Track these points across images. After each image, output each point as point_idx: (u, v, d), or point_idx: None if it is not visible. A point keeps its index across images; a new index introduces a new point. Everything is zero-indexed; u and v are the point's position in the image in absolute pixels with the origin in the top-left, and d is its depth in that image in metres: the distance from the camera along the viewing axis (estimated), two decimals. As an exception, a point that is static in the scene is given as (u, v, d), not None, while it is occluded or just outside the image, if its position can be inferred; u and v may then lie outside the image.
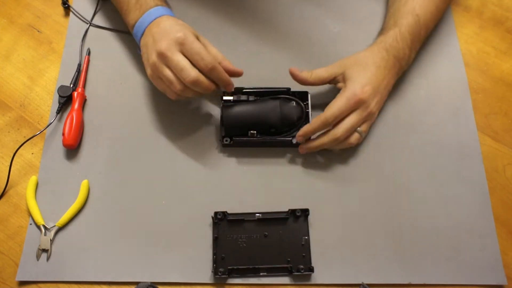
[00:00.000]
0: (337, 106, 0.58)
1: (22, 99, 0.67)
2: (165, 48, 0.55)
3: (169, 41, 0.56)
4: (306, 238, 0.58)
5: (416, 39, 0.63)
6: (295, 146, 0.63)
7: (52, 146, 0.63)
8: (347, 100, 0.58)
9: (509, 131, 0.66)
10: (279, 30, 0.72)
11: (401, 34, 0.62)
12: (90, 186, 0.61)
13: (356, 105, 0.58)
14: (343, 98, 0.58)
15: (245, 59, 0.69)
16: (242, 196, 0.61)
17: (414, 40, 0.63)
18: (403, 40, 0.62)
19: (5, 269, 0.57)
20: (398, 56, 0.61)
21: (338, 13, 0.73)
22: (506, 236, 0.60)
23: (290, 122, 0.62)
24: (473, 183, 0.62)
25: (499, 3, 0.75)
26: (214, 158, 0.63)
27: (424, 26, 0.63)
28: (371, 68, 0.60)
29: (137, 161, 0.62)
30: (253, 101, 0.63)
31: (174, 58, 0.55)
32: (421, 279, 0.57)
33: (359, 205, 0.61)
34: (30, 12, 0.73)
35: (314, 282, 0.56)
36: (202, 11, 0.73)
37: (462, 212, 0.60)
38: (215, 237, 0.57)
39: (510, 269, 0.58)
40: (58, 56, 0.70)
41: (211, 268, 0.57)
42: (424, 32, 0.64)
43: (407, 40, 0.62)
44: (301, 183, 0.62)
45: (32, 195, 0.60)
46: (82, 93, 0.66)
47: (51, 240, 0.58)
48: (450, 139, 0.64)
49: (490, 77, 0.69)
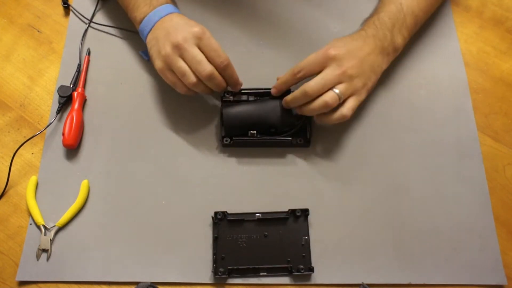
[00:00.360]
0: (307, 59, 0.59)
1: (22, 99, 0.67)
2: (182, 39, 0.56)
3: (186, 34, 0.56)
4: (306, 238, 0.58)
5: (399, 25, 0.62)
6: (295, 146, 0.63)
7: (52, 146, 0.63)
8: (316, 54, 0.58)
9: (509, 131, 0.66)
10: (279, 30, 0.72)
11: (379, 19, 0.62)
12: (90, 186, 0.61)
13: (325, 59, 0.57)
14: (314, 53, 0.59)
15: (245, 59, 0.69)
16: (242, 196, 0.61)
17: (396, 26, 0.62)
18: (382, 24, 0.62)
19: (5, 269, 0.57)
20: (377, 35, 0.61)
21: (338, 13, 0.73)
22: (506, 236, 0.60)
23: (290, 122, 0.62)
24: (473, 183, 0.62)
25: (499, 3, 0.75)
26: (214, 158, 0.63)
27: (410, 14, 0.63)
28: (346, 38, 0.61)
29: (137, 161, 0.62)
30: (253, 101, 0.63)
31: (191, 51, 0.55)
32: (421, 279, 0.57)
33: (359, 205, 0.61)
34: (30, 12, 0.73)
35: (314, 282, 0.57)
36: (202, 12, 0.72)
37: (462, 212, 0.60)
38: (215, 237, 0.57)
39: (510, 269, 0.58)
40: (58, 56, 0.70)
41: (211, 268, 0.57)
42: (411, 20, 0.64)
43: (387, 24, 0.62)
44: (301, 183, 0.62)
45: (32, 195, 0.60)
46: (82, 93, 0.66)
47: (51, 240, 0.58)
48: (450, 139, 0.64)
49: (490, 77, 0.69)
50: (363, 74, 0.59)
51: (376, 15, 0.63)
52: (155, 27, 0.60)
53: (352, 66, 0.57)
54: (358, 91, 0.59)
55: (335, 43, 0.59)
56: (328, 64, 0.57)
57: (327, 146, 0.64)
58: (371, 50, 0.60)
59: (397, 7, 0.63)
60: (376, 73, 0.61)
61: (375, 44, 0.60)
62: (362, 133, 0.65)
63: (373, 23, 0.62)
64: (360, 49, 0.59)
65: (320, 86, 0.56)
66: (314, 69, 0.58)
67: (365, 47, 0.60)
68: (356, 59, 0.58)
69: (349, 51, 0.58)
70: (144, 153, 0.63)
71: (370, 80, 0.60)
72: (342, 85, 0.57)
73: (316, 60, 0.58)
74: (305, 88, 0.57)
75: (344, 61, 0.57)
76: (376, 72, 0.61)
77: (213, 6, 0.73)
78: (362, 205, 0.61)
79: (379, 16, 0.63)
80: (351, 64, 0.57)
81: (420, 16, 0.65)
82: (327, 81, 0.57)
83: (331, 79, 0.57)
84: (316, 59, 0.58)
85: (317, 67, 0.58)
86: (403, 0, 0.63)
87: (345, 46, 0.59)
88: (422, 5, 0.65)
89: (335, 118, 0.58)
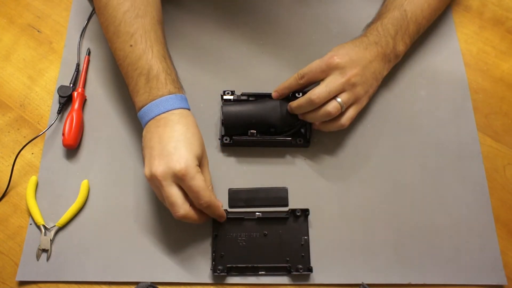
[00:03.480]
0: (310, 66, 0.59)
1: (22, 99, 0.67)
2: (160, 175, 0.51)
3: (166, 169, 0.50)
4: (306, 238, 0.58)
5: (402, 32, 0.63)
6: (295, 146, 0.63)
7: (52, 146, 0.63)
8: (320, 61, 0.59)
9: (509, 131, 0.66)
10: (280, 31, 0.72)
11: (382, 25, 0.62)
12: (90, 186, 0.61)
13: (329, 67, 0.58)
14: (318, 60, 0.59)
15: (245, 59, 0.69)
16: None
17: (399, 33, 0.62)
18: (385, 30, 0.62)
19: (5, 269, 0.57)
20: (380, 42, 0.61)
21: (338, 13, 0.73)
22: (506, 236, 0.60)
23: (290, 122, 0.62)
24: (473, 183, 0.62)
25: (499, 3, 0.75)
26: (214, 158, 0.63)
27: (413, 21, 0.63)
28: (349, 45, 0.61)
29: (137, 161, 0.62)
30: (253, 100, 0.63)
31: (166, 190, 0.51)
32: (421, 279, 0.57)
33: (359, 205, 0.61)
34: (30, 12, 0.73)
35: (313, 282, 0.56)
36: (202, 12, 0.72)
37: (462, 212, 0.60)
38: (214, 235, 0.58)
39: (510, 269, 0.58)
40: (58, 56, 0.70)
41: (210, 266, 0.57)
42: (414, 27, 0.64)
43: (390, 30, 0.62)
44: (301, 183, 0.62)
45: (32, 195, 0.60)
46: (82, 93, 0.66)
47: (51, 240, 0.58)
48: (450, 139, 0.64)
49: (490, 77, 0.69)
50: (366, 81, 0.60)
51: (380, 21, 0.63)
52: (149, 124, 0.54)
53: (355, 74, 0.58)
54: (360, 98, 0.60)
55: (338, 50, 0.60)
56: (332, 72, 0.58)
57: (327, 146, 0.64)
58: (373, 57, 0.60)
59: (401, 14, 0.63)
60: (377, 80, 0.62)
61: (377, 51, 0.61)
62: (362, 133, 0.65)
63: (376, 29, 0.62)
64: (363, 56, 0.59)
65: (325, 94, 0.57)
66: (317, 76, 0.59)
67: (368, 55, 0.60)
68: (359, 67, 0.59)
69: (352, 59, 0.58)
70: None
71: (371, 87, 0.61)
72: (344, 94, 0.58)
73: (319, 68, 0.58)
74: (310, 96, 0.57)
75: (347, 69, 0.58)
76: (377, 79, 0.62)
77: (213, 6, 0.73)
78: (362, 205, 0.61)
79: (382, 22, 0.62)
80: (354, 72, 0.58)
81: (423, 24, 0.65)
82: (332, 89, 0.57)
83: (335, 87, 0.57)
84: (319, 66, 0.58)
85: (320, 74, 0.59)
86: (408, 7, 0.63)
87: (348, 54, 0.59)
88: (426, 12, 0.65)
89: (334, 127, 0.60)
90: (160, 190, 0.52)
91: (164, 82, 0.55)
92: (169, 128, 0.53)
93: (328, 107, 0.57)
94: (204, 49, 0.70)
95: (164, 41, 0.60)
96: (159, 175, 0.51)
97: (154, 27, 0.58)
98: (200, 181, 0.51)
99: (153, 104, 0.54)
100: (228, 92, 0.64)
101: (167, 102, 0.54)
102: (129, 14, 0.57)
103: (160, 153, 0.52)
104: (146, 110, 0.55)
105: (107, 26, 0.59)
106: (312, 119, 0.60)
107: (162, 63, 0.56)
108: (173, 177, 0.51)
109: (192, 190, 0.51)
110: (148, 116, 0.55)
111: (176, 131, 0.53)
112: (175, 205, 0.51)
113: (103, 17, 0.60)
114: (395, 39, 0.62)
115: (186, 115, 0.55)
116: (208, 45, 0.70)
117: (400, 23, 0.62)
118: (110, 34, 0.59)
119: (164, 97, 0.54)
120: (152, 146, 0.53)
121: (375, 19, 0.65)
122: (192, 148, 0.53)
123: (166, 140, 0.52)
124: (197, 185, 0.51)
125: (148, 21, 0.58)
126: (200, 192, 0.51)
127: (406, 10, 0.63)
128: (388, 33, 0.62)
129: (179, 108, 0.55)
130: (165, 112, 0.54)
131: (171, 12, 0.71)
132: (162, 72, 0.56)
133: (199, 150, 0.53)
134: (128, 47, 0.57)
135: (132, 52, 0.56)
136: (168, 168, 0.51)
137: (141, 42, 0.56)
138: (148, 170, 0.52)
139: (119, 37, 0.57)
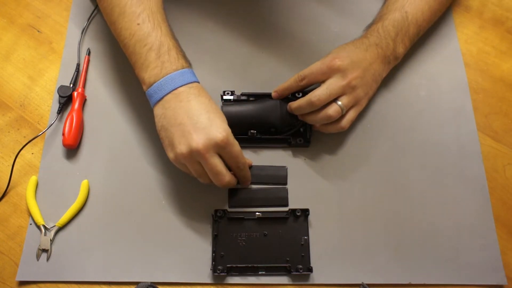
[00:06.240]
0: (311, 67, 0.59)
1: (22, 99, 0.67)
2: (203, 148, 0.51)
3: (208, 141, 0.51)
4: (306, 238, 0.58)
5: (403, 34, 0.63)
6: (295, 146, 0.63)
7: (52, 146, 0.63)
8: (321, 63, 0.59)
9: (509, 131, 0.66)
10: (279, 30, 0.72)
11: (383, 27, 0.62)
12: (90, 186, 0.61)
13: (330, 69, 0.58)
14: (319, 62, 0.59)
15: (245, 59, 0.69)
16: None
17: (400, 35, 0.62)
18: (386, 32, 0.62)
19: (5, 269, 0.57)
20: (380, 44, 0.61)
21: (338, 13, 0.73)
22: (506, 236, 0.60)
23: (290, 122, 0.62)
24: (473, 183, 0.62)
25: (499, 3, 0.75)
26: (214, 158, 0.63)
27: (414, 23, 0.63)
28: (350, 47, 0.61)
29: (137, 161, 0.62)
30: (253, 100, 0.63)
31: (211, 161, 0.52)
32: (421, 279, 0.57)
33: (359, 205, 0.61)
34: (30, 12, 0.73)
35: (313, 282, 0.56)
36: (202, 12, 0.72)
37: (462, 212, 0.60)
38: (214, 234, 0.58)
39: (510, 269, 0.58)
40: (58, 56, 0.70)
41: (210, 266, 0.57)
42: (414, 29, 0.64)
43: (390, 32, 0.62)
44: (301, 183, 0.62)
45: (32, 195, 0.60)
46: (82, 93, 0.66)
47: (51, 240, 0.58)
48: (450, 139, 0.64)
49: (490, 77, 0.69)
50: (366, 84, 0.60)
51: (380, 23, 0.63)
52: (165, 99, 0.53)
53: (356, 77, 0.58)
54: (360, 101, 0.60)
55: (339, 52, 0.60)
56: (332, 74, 0.58)
57: (327, 146, 0.64)
58: (374, 59, 0.60)
59: (402, 15, 0.63)
60: (377, 82, 0.62)
61: (378, 53, 0.61)
62: (362, 133, 0.65)
63: (377, 30, 0.62)
64: (364, 58, 0.59)
65: (326, 96, 0.57)
66: (318, 78, 0.59)
67: (368, 56, 0.60)
68: (359, 69, 0.59)
69: (353, 61, 0.58)
70: (144, 153, 0.63)
71: (371, 89, 0.61)
72: (345, 97, 0.58)
73: (320, 70, 0.58)
74: (310, 98, 0.57)
75: (348, 72, 0.58)
76: (377, 81, 0.62)
77: (212, 6, 0.73)
78: (362, 205, 0.61)
79: (383, 24, 0.62)
80: (354, 75, 0.58)
81: (423, 26, 0.65)
82: (332, 92, 0.57)
83: (336, 90, 0.57)
84: (320, 68, 0.58)
85: (321, 77, 0.59)
86: (409, 8, 0.63)
87: (349, 56, 0.59)
88: (426, 15, 0.65)
89: (334, 129, 0.60)
90: (199, 164, 0.53)
91: (177, 56, 0.55)
92: (194, 101, 0.53)
93: (329, 111, 0.57)
94: (204, 49, 0.70)
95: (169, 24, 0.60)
96: (202, 148, 0.51)
97: (160, 9, 0.59)
98: (238, 146, 0.54)
99: (168, 78, 0.54)
100: (228, 92, 0.64)
101: (183, 76, 0.54)
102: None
103: (194, 126, 0.52)
104: (160, 84, 0.54)
105: (112, 8, 0.59)
106: (312, 121, 0.60)
107: (172, 40, 0.57)
108: (215, 147, 0.52)
109: (232, 156, 0.54)
110: (163, 91, 0.54)
111: (202, 103, 0.54)
112: (220, 173, 0.54)
113: (106, 2, 0.60)
114: (395, 41, 0.62)
115: (202, 88, 0.56)
116: (208, 45, 0.70)
117: (401, 25, 0.62)
118: (115, 16, 0.58)
119: (179, 71, 0.54)
120: (181, 122, 0.52)
121: (375, 20, 0.65)
122: (222, 116, 0.55)
123: (196, 113, 0.53)
124: (236, 150, 0.54)
125: (153, 3, 0.58)
126: (239, 156, 0.55)
127: (407, 12, 0.63)
128: (388, 35, 0.62)
129: (194, 81, 0.55)
130: (182, 86, 0.54)
131: (172, 12, 0.71)
132: (173, 47, 0.56)
133: (225, 118, 0.55)
134: (136, 25, 0.56)
135: (140, 30, 0.56)
136: (209, 139, 0.51)
137: (149, 21, 0.56)
138: (186, 147, 0.52)
139: (125, 17, 0.57)
